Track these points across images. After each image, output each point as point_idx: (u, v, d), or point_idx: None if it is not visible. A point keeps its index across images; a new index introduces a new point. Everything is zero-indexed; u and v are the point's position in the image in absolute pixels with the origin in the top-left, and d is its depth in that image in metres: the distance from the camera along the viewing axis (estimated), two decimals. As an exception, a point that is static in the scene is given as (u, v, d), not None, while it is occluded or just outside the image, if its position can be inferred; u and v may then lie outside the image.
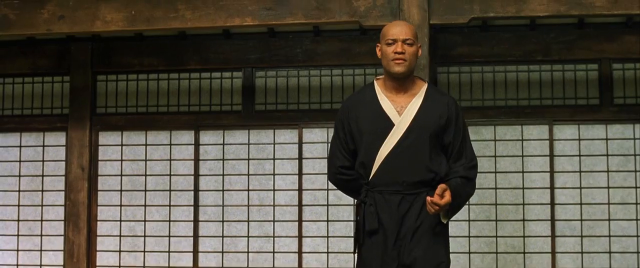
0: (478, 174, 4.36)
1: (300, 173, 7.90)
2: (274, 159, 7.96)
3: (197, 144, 8.07)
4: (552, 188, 7.60)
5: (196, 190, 8.04)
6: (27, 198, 8.33)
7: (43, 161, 8.33)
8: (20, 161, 8.38)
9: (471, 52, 7.69)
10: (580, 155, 7.63)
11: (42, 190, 8.31)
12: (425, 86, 4.28)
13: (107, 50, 8.15)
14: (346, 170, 4.31)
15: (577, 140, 7.65)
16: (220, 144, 8.05)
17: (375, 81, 4.33)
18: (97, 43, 8.15)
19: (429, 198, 3.96)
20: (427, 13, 5.93)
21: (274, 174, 7.96)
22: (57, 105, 8.38)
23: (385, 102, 4.21)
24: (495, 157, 7.69)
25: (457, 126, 4.21)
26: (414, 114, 4.15)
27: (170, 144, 8.14)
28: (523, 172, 7.66)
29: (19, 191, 8.35)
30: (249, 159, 8.00)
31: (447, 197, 4.00)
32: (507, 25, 7.63)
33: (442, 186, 3.99)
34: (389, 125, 4.14)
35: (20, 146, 8.39)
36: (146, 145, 8.17)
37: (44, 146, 8.35)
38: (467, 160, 4.21)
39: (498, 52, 7.65)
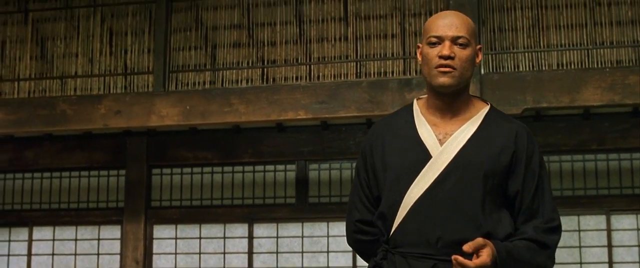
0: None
1: (354, 266, 7.84)
2: (328, 252, 7.92)
3: (250, 237, 8.06)
4: (611, 280, 7.45)
5: (250, 283, 8.02)
6: (82, 292, 8.37)
7: (98, 254, 8.38)
8: (75, 254, 8.43)
9: (525, 142, 7.65)
10: (639, 246, 7.49)
11: (97, 284, 8.35)
12: (485, 109, 3.00)
13: (162, 144, 8.25)
14: (367, 227, 3.05)
15: (636, 230, 7.50)
16: (274, 237, 8.04)
17: (415, 101, 3.10)
18: (152, 137, 8.26)
19: (455, 258, 2.68)
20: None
21: (328, 267, 7.90)
22: (112, 199, 8.46)
23: (425, 127, 2.95)
24: (552, 248, 7.57)
25: (530, 168, 2.89)
26: (462, 145, 2.88)
27: (224, 237, 8.14)
28: (581, 262, 7.52)
29: (74, 285, 8.41)
30: (302, 252, 7.96)
31: (484, 257, 2.68)
32: (561, 115, 7.59)
33: (478, 241, 2.71)
34: (423, 157, 2.87)
35: (76, 239, 8.45)
36: (200, 238, 8.18)
37: (99, 239, 8.40)
38: (543, 220, 2.88)
39: (552, 142, 7.59)
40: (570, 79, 6.13)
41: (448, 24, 2.94)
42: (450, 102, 2.95)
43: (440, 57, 2.88)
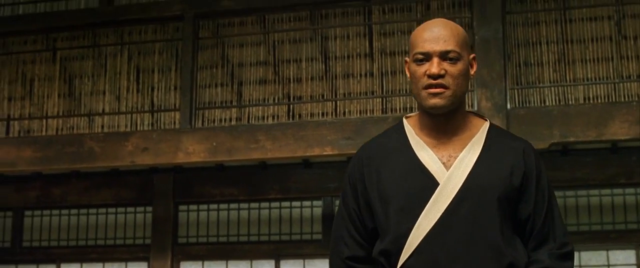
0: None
1: (381, 302, 7.80)
2: (354, 288, 7.87)
3: (277, 273, 8.06)
4: (642, 316, 7.36)
5: (276, 320, 7.99)
6: (109, 329, 8.37)
7: (125, 291, 8.39)
8: (103, 291, 8.46)
9: (553, 176, 7.55)
10: (670, 281, 7.41)
11: (124, 321, 8.35)
12: (485, 126, 2.74)
13: (189, 181, 8.27)
14: (360, 265, 2.71)
15: (666, 266, 7.44)
16: (301, 273, 8.03)
17: (404, 120, 2.77)
18: (179, 174, 8.28)
19: None
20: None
21: (354, 303, 7.86)
22: (139, 236, 8.48)
23: (424, 149, 2.65)
24: (581, 283, 7.51)
25: (540, 189, 2.66)
26: (470, 168, 2.60)
27: (251, 273, 8.14)
28: (611, 299, 7.46)
29: (101, 322, 8.41)
30: (329, 288, 7.93)
31: None
32: (589, 149, 7.55)
33: None
34: (429, 184, 2.59)
35: (103, 276, 8.48)
36: (227, 274, 8.19)
37: (126, 276, 8.43)
38: (556, 244, 2.64)
39: (580, 177, 7.54)
40: (597, 113, 6.10)
41: (435, 37, 2.61)
42: (445, 122, 2.67)
43: (429, 76, 2.59)
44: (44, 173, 8.13)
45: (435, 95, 2.60)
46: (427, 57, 2.61)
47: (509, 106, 6.30)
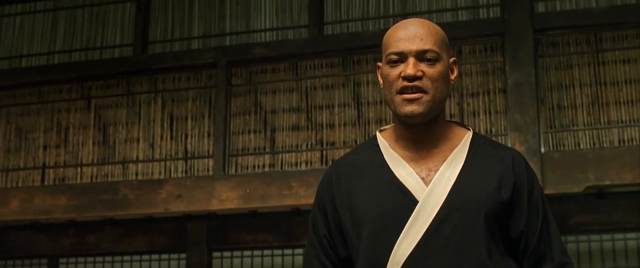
0: None
1: None
2: None
3: (311, 320, 8.00)
4: None
5: None
6: None
7: None
8: None
9: (588, 220, 7.53)
10: None
11: None
12: (467, 135, 2.42)
13: (223, 228, 8.27)
14: None
15: None
16: (335, 319, 7.96)
17: (378, 133, 2.48)
18: (213, 220, 8.29)
19: None
20: (541, 184, 5.88)
21: None
22: (173, 282, 8.49)
23: (400, 165, 2.34)
24: (619, 329, 7.40)
25: (533, 202, 2.37)
26: (452, 182, 2.30)
27: (285, 320, 8.10)
28: None
29: None
30: None
31: None
32: (624, 192, 7.47)
33: None
34: (407, 203, 2.27)
35: (137, 324, 8.47)
36: (261, 321, 8.16)
37: (160, 323, 8.42)
38: (555, 265, 2.36)
39: (616, 220, 7.46)
40: (633, 156, 6.06)
41: (410, 35, 2.32)
42: (424, 132, 2.35)
43: (404, 78, 2.28)
44: (78, 221, 8.16)
45: (411, 101, 2.29)
46: (401, 57, 2.31)
47: (542, 150, 6.27)
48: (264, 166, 7.08)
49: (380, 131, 2.48)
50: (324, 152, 7.06)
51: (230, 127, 7.11)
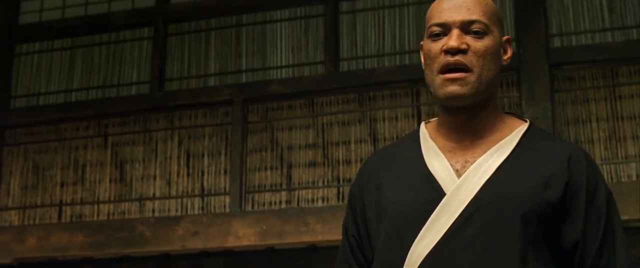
0: None
1: None
2: None
3: None
4: None
5: None
6: None
7: None
8: None
9: None
10: None
11: None
12: (522, 127, 2.08)
13: (239, 264, 8.23)
14: None
15: None
16: None
17: (423, 124, 2.21)
18: (229, 257, 8.26)
19: None
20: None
21: None
22: (189, 320, 8.45)
23: (436, 155, 2.04)
24: None
25: (595, 207, 1.99)
26: (489, 174, 1.96)
27: None
28: None
29: None
30: None
31: None
32: (643, 227, 7.44)
33: None
34: (433, 197, 1.97)
35: None
36: None
37: None
38: None
39: (636, 255, 7.39)
40: (651, 191, 6.03)
41: (456, 4, 2.00)
42: (468, 120, 2.04)
43: (446, 51, 1.98)
44: (95, 258, 8.15)
45: (453, 81, 1.98)
46: (444, 29, 2.01)
47: (561, 185, 6.22)
48: (280, 203, 7.07)
49: (427, 123, 2.20)
50: (341, 189, 7.04)
51: (247, 163, 7.11)
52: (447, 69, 1.98)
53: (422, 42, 2.10)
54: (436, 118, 2.16)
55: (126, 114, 7.64)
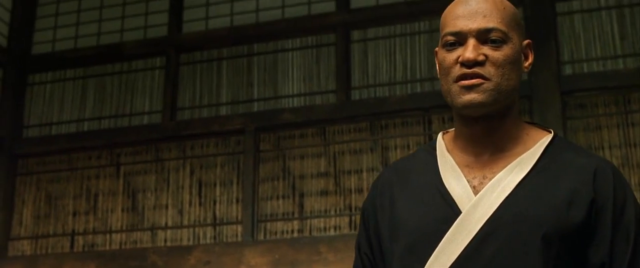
0: None
1: None
2: None
3: None
4: None
5: None
6: None
7: None
8: None
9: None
10: None
11: None
12: (545, 138, 1.95)
13: (251, 293, 8.24)
14: None
15: None
16: None
17: (440, 135, 2.11)
18: (241, 286, 8.27)
19: None
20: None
21: None
22: None
23: (452, 170, 1.94)
24: None
25: (623, 226, 1.82)
26: (508, 191, 1.84)
27: None
28: None
29: None
30: None
31: None
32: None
33: None
34: (448, 215, 1.86)
35: None
36: None
37: None
38: None
39: (650, 283, 7.36)
40: (666, 219, 5.98)
41: (471, 11, 1.86)
42: (487, 131, 1.91)
43: (462, 64, 1.85)
44: (107, 288, 8.16)
45: (469, 88, 1.84)
46: (460, 38, 1.88)
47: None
48: (292, 231, 7.06)
49: (444, 133, 2.09)
50: (353, 217, 7.03)
51: (259, 192, 7.11)
52: (463, 78, 1.87)
53: (436, 49, 1.98)
54: (453, 128, 2.06)
55: (138, 143, 7.66)
